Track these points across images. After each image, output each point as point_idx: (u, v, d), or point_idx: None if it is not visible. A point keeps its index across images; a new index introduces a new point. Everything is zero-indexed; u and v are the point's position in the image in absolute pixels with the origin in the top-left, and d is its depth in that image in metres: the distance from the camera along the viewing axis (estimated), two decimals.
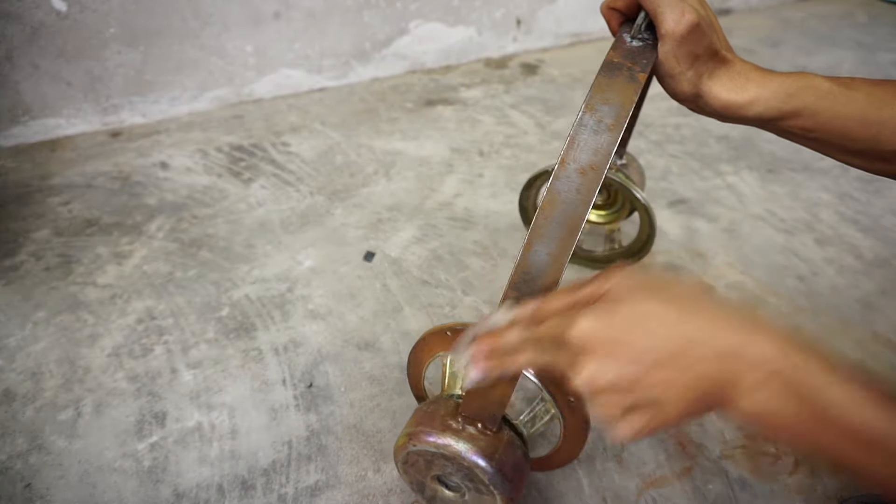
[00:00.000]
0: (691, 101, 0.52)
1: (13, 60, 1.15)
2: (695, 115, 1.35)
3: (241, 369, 0.78)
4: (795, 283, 0.93)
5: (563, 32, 1.70)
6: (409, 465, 0.55)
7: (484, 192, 1.12)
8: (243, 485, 0.65)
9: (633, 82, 0.47)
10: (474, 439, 0.51)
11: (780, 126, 0.52)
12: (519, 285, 0.45)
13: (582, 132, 0.45)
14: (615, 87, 0.47)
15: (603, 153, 0.44)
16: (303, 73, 1.43)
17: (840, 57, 1.69)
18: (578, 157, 0.45)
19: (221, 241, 0.99)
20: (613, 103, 0.46)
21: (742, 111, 0.51)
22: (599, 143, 0.45)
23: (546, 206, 0.45)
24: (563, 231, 0.44)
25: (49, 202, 1.07)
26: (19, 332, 0.82)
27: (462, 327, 0.55)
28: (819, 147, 0.53)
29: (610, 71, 0.48)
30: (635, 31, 0.49)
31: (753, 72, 0.51)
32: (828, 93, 0.49)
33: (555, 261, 0.44)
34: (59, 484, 0.65)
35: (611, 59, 0.48)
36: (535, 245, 0.45)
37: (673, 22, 0.47)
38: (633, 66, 0.48)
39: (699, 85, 0.50)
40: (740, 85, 0.50)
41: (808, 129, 0.50)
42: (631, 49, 0.49)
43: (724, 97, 0.50)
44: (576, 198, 0.44)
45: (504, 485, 0.51)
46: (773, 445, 0.70)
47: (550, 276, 0.45)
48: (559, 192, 0.45)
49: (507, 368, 0.43)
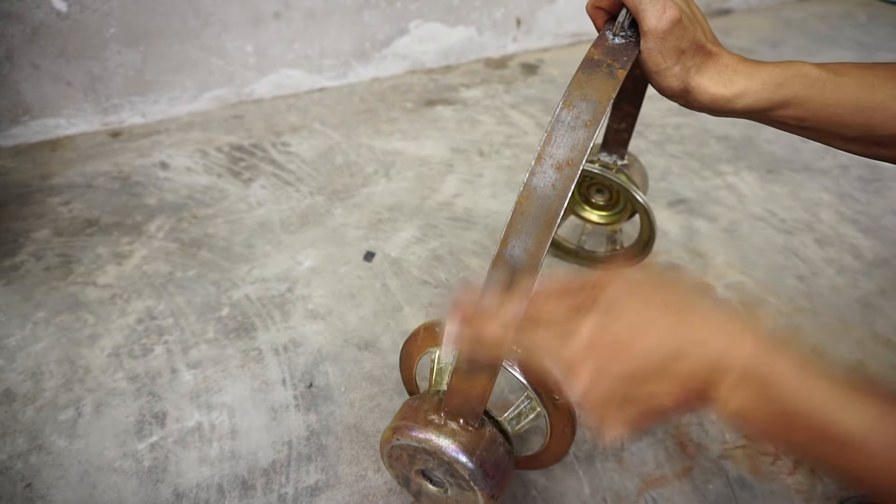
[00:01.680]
0: (680, 96, 0.52)
1: (13, 60, 1.15)
2: (694, 115, 1.35)
3: (241, 369, 0.78)
4: (795, 283, 0.93)
5: (563, 32, 1.70)
6: (394, 458, 0.56)
7: (484, 192, 1.12)
8: (243, 485, 0.65)
9: (612, 79, 0.47)
10: (455, 434, 0.51)
11: (772, 116, 0.51)
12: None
13: (559, 128, 0.45)
14: (594, 84, 0.46)
15: (579, 149, 0.44)
16: (303, 73, 1.43)
17: (840, 57, 1.69)
18: (555, 153, 0.44)
19: (221, 241, 0.99)
20: (591, 99, 0.46)
21: (731, 104, 0.50)
22: (576, 139, 0.45)
23: (522, 201, 0.45)
24: (539, 227, 0.44)
25: (49, 202, 1.07)
26: (19, 332, 0.82)
27: None
28: (814, 136, 0.52)
29: (589, 68, 0.47)
30: (617, 28, 0.49)
31: (741, 63, 0.50)
32: (816, 80, 0.48)
33: (531, 257, 0.45)
34: (59, 484, 0.65)
35: (591, 56, 0.48)
36: (511, 241, 0.45)
37: (654, 18, 0.47)
38: (614, 63, 0.48)
39: (687, 80, 0.50)
40: (728, 77, 0.50)
41: (800, 118, 0.50)
42: (612, 46, 0.49)
43: (712, 91, 0.50)
44: (551, 193, 0.44)
45: (485, 481, 0.52)
46: (771, 445, 0.70)
47: (527, 272, 0.45)
48: (535, 188, 0.44)
49: (489, 358, 0.44)
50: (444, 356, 0.58)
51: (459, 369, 0.49)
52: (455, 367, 0.49)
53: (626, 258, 0.90)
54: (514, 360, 0.54)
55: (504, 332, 0.43)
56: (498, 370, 0.48)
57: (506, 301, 0.44)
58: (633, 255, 0.89)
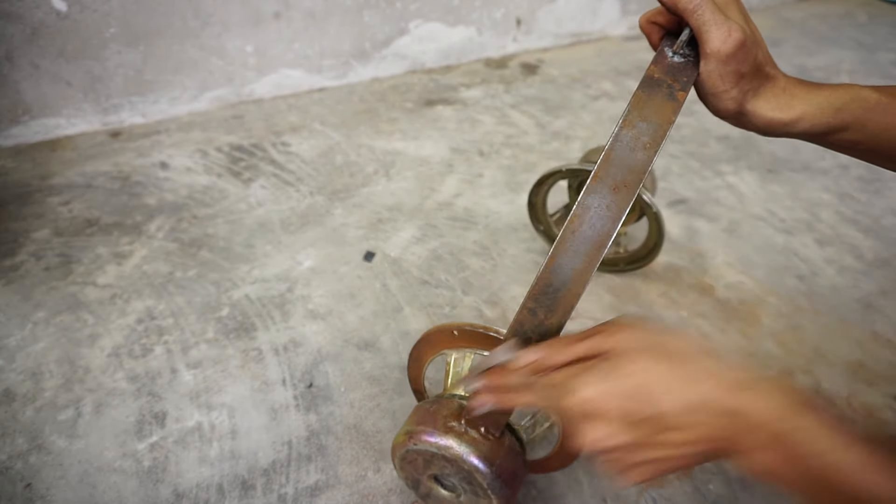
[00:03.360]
0: (734, 118, 0.51)
1: (13, 60, 1.15)
2: (695, 115, 1.35)
3: (241, 369, 0.78)
4: (795, 283, 0.93)
5: (563, 32, 1.70)
6: (407, 462, 0.55)
7: (484, 192, 1.12)
8: (243, 485, 0.65)
9: (672, 101, 0.46)
10: (476, 443, 0.51)
11: (828, 140, 0.51)
12: (539, 297, 0.45)
13: (618, 148, 0.44)
14: (654, 105, 0.46)
15: (637, 171, 0.44)
16: (303, 73, 1.43)
17: (840, 57, 1.69)
18: (613, 174, 0.44)
19: (221, 241, 0.99)
20: (651, 121, 0.45)
21: (787, 128, 0.49)
22: (635, 162, 0.44)
23: (574, 219, 0.44)
24: (590, 247, 0.44)
25: (49, 202, 1.07)
26: (19, 332, 0.82)
27: (470, 328, 0.54)
28: (867, 157, 0.52)
29: (650, 87, 0.46)
30: (678, 46, 0.48)
31: (798, 87, 0.49)
32: (876, 104, 0.48)
33: (579, 276, 0.44)
34: (59, 484, 0.65)
35: (651, 74, 0.47)
36: (559, 258, 0.44)
37: (719, 41, 0.45)
38: (674, 84, 0.47)
39: (743, 103, 0.49)
40: (785, 102, 0.49)
41: (857, 141, 0.50)
42: (672, 65, 0.48)
43: (769, 115, 0.49)
44: (605, 214, 0.44)
45: (502, 489, 0.51)
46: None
47: (573, 291, 0.44)
48: (589, 208, 0.44)
49: (507, 405, 0.45)
50: (459, 360, 0.58)
51: None
52: None
53: (631, 262, 0.90)
54: None
55: (522, 388, 0.43)
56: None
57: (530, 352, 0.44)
58: (638, 259, 0.89)
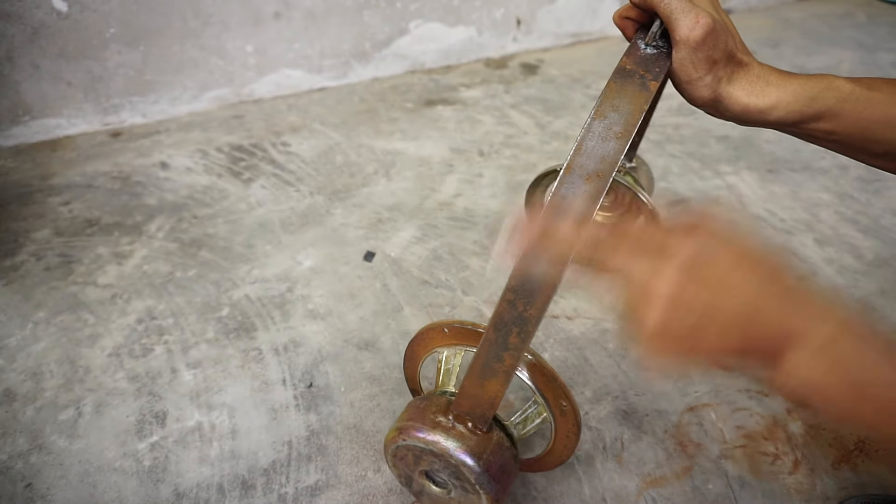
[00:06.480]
0: (710, 106, 0.51)
1: (14, 60, 1.15)
2: (695, 115, 1.35)
3: (241, 369, 0.78)
4: (795, 283, 0.93)
5: (562, 32, 1.70)
6: (399, 458, 0.56)
7: (484, 192, 1.12)
8: (243, 485, 0.65)
9: (644, 91, 0.46)
10: (463, 438, 0.51)
11: (801, 129, 0.51)
12: (517, 289, 0.45)
13: (590, 139, 0.45)
14: (626, 95, 0.46)
15: (610, 161, 0.44)
16: (303, 73, 1.43)
17: (840, 57, 1.69)
18: (585, 164, 0.44)
19: (221, 241, 0.99)
20: (623, 111, 0.45)
21: (763, 115, 0.50)
22: (607, 151, 0.44)
23: (547, 212, 0.44)
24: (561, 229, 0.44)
25: (49, 202, 1.07)
26: (20, 332, 0.82)
27: (459, 325, 0.55)
28: (840, 149, 0.52)
29: (622, 78, 0.47)
30: (650, 38, 0.49)
31: (773, 75, 0.50)
32: (850, 95, 0.48)
33: (555, 267, 0.44)
34: (59, 484, 0.65)
35: (623, 65, 0.48)
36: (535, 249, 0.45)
37: (688, 28, 0.46)
38: (646, 74, 0.47)
39: (718, 90, 0.50)
40: (760, 88, 0.49)
41: (830, 131, 0.50)
42: (644, 56, 0.49)
43: (744, 101, 0.50)
44: (579, 204, 0.44)
45: (490, 485, 0.52)
46: (772, 445, 0.70)
47: (549, 282, 0.44)
48: (563, 198, 0.44)
49: (556, 257, 0.43)
50: (451, 357, 0.58)
51: (473, 373, 0.49)
52: (469, 370, 0.49)
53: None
54: (524, 364, 0.55)
55: (575, 229, 0.42)
56: (513, 372, 0.48)
57: (577, 202, 0.43)
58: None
